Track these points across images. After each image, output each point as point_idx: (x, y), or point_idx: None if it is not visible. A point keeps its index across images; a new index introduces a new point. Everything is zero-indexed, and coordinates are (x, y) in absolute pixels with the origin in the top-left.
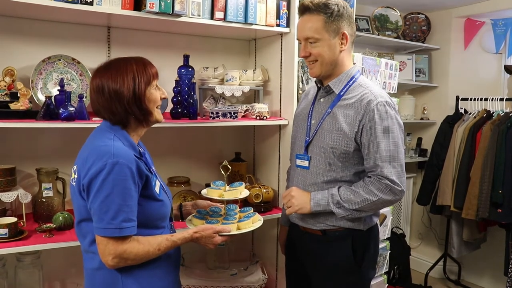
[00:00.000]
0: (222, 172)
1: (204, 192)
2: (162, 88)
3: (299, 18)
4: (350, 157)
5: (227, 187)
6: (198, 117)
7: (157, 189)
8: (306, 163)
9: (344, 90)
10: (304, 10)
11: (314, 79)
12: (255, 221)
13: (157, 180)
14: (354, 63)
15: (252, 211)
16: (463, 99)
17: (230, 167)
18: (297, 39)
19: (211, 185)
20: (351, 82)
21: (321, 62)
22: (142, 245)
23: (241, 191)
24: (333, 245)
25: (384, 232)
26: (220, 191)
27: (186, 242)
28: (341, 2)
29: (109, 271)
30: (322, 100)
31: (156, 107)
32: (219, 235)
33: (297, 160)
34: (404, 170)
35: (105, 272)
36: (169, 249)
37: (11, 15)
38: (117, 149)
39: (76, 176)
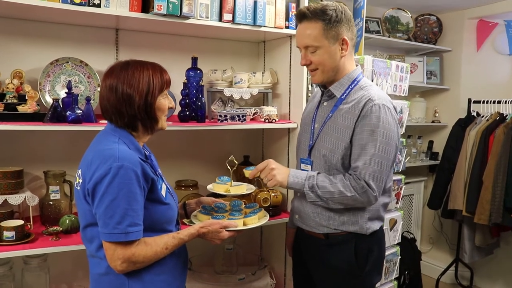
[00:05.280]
0: (228, 167)
1: (209, 187)
2: (170, 97)
3: (297, 25)
4: (348, 162)
5: (233, 183)
6: (206, 120)
7: (163, 192)
8: (309, 168)
9: (345, 94)
10: (301, 17)
11: None
12: (261, 217)
13: (163, 183)
14: (356, 65)
15: (257, 207)
16: (475, 102)
17: (236, 162)
18: (297, 47)
19: (217, 180)
20: (352, 85)
21: (322, 70)
22: (150, 246)
23: (246, 187)
24: (335, 249)
25: (395, 237)
26: (226, 186)
27: (193, 238)
28: (339, 6)
29: (116, 276)
30: (325, 104)
31: (164, 116)
32: (226, 230)
33: (301, 164)
34: (384, 177)
35: (111, 277)
36: (177, 247)
37: (19, 17)
38: (122, 153)
39: (80, 180)
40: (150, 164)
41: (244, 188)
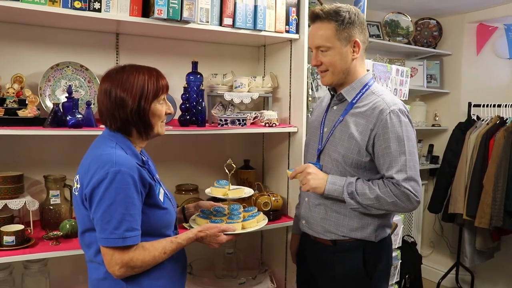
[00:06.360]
0: (226, 170)
1: (208, 191)
2: (169, 103)
3: (310, 26)
4: (363, 166)
5: (231, 187)
6: (206, 124)
7: (161, 197)
8: None
9: (356, 98)
10: (314, 18)
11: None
12: (259, 221)
13: (161, 188)
14: (367, 70)
15: (256, 210)
16: (475, 106)
17: (234, 166)
18: (309, 47)
19: (215, 184)
20: (364, 90)
21: (332, 71)
22: (148, 251)
23: (245, 190)
24: (343, 255)
25: (395, 241)
26: (224, 190)
27: (191, 242)
28: (352, 9)
29: (115, 281)
30: (335, 108)
31: (160, 122)
32: (224, 234)
33: None
34: (419, 179)
35: (110, 282)
36: (175, 251)
37: (19, 22)
38: (119, 158)
39: (78, 185)
40: (147, 169)
41: (242, 192)
